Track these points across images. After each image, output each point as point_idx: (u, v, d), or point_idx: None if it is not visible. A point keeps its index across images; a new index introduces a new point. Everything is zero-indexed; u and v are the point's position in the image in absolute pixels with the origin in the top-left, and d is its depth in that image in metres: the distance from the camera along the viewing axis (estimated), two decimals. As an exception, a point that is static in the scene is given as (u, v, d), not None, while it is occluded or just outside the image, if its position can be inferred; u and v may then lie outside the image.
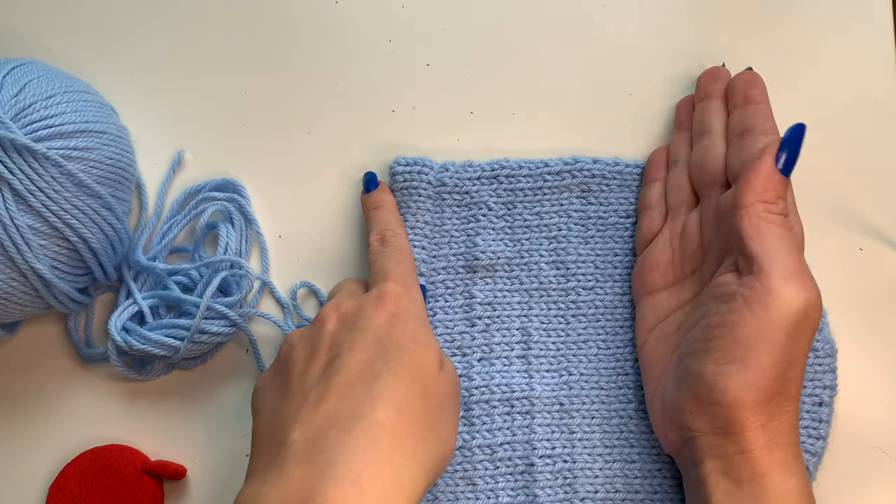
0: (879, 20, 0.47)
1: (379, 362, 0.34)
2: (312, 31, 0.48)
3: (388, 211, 0.43)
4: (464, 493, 0.41)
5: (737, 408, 0.35)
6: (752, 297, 0.35)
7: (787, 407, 0.36)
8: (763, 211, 0.36)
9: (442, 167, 0.44)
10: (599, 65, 0.48)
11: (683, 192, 0.43)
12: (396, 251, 0.41)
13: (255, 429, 0.36)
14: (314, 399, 0.34)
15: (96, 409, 0.44)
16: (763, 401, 0.35)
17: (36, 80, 0.40)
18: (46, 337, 0.45)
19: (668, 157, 0.45)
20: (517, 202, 0.45)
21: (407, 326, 0.36)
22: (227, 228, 0.45)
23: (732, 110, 0.42)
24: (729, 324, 0.36)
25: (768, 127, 0.40)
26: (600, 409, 0.43)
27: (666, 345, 0.41)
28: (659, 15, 0.48)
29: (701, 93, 0.45)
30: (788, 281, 0.35)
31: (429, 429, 0.34)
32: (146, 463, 0.42)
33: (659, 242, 0.43)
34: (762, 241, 0.36)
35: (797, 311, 0.35)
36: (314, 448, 0.31)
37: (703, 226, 0.41)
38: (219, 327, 0.42)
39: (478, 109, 0.47)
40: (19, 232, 0.37)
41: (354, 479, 0.30)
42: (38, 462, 0.43)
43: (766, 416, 0.35)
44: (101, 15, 0.48)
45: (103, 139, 0.41)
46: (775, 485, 0.35)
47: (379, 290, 0.38)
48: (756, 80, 0.43)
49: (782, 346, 0.35)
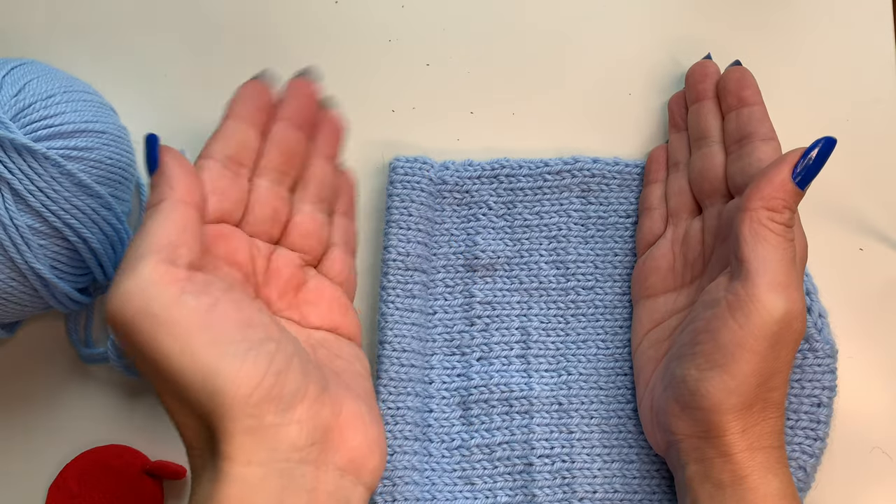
0: (879, 20, 0.47)
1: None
2: (312, 31, 0.48)
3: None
4: (462, 492, 0.41)
5: (717, 412, 0.35)
6: (736, 304, 0.35)
7: (770, 413, 0.36)
8: (765, 217, 0.36)
9: (442, 166, 0.44)
10: (599, 65, 0.48)
11: (684, 196, 0.43)
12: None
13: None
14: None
15: (96, 410, 0.44)
16: (744, 406, 0.35)
17: (36, 80, 0.40)
18: (46, 337, 0.45)
19: (667, 157, 0.45)
20: (517, 201, 0.45)
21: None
22: (227, 228, 0.45)
23: (727, 113, 0.42)
24: (712, 329, 0.36)
25: (765, 130, 0.40)
26: (599, 409, 0.43)
27: (658, 349, 0.41)
28: (659, 15, 0.48)
29: (692, 93, 0.44)
30: (773, 290, 0.35)
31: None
32: (146, 463, 0.42)
33: (661, 247, 0.43)
34: (756, 246, 0.36)
35: (778, 321, 0.34)
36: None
37: (706, 235, 0.41)
38: (218, 327, 0.42)
39: (478, 109, 0.47)
40: (19, 232, 0.37)
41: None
42: (38, 462, 0.43)
43: (748, 422, 0.35)
44: (101, 15, 0.48)
45: (103, 139, 0.41)
46: (756, 487, 0.35)
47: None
48: (746, 77, 0.42)
49: (763, 355, 0.35)
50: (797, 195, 0.36)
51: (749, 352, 0.35)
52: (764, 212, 0.36)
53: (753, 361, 0.35)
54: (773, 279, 0.35)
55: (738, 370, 0.35)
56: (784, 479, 0.35)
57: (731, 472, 0.35)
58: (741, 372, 0.35)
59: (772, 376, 0.35)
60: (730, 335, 0.35)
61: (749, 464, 0.35)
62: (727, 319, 0.35)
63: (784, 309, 0.35)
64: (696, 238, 0.41)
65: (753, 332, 0.35)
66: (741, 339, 0.35)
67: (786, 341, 0.35)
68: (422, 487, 0.41)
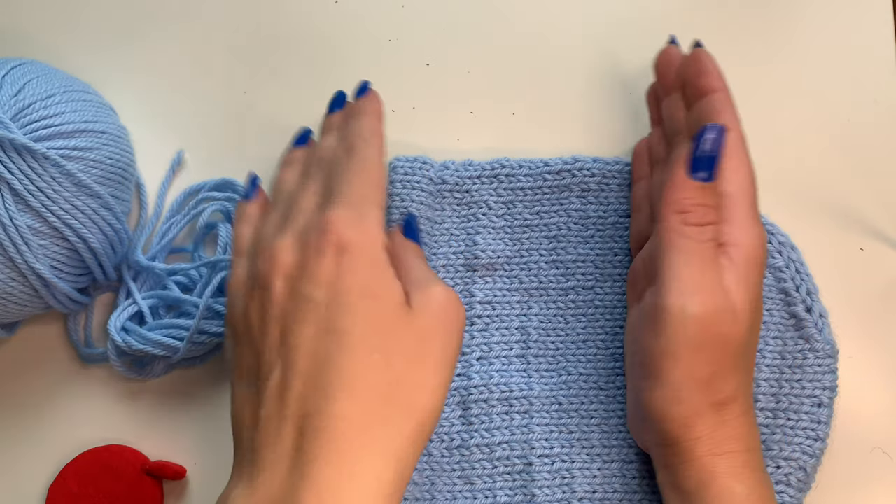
0: (879, 20, 0.47)
1: (328, 337, 0.31)
2: (312, 30, 0.48)
3: (367, 116, 0.38)
4: (461, 492, 0.41)
5: (665, 421, 0.35)
6: (651, 314, 0.35)
7: (728, 416, 0.35)
8: (677, 222, 0.35)
9: (442, 165, 0.44)
10: (599, 65, 0.48)
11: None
12: (359, 163, 0.35)
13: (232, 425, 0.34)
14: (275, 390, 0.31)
15: (96, 410, 0.44)
16: (692, 413, 0.35)
17: (36, 79, 0.40)
18: (46, 337, 0.45)
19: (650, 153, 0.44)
20: (517, 201, 0.45)
21: (357, 276, 0.32)
22: (227, 228, 0.45)
23: (689, 105, 0.40)
24: (640, 340, 0.36)
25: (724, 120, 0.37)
26: (599, 408, 0.43)
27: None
28: (659, 15, 0.48)
29: (660, 86, 0.43)
30: (681, 297, 0.34)
31: (393, 404, 0.31)
32: (146, 463, 0.42)
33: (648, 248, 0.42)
34: (667, 255, 0.35)
35: (693, 326, 0.34)
36: (278, 452, 0.30)
37: None
38: (218, 328, 0.42)
39: (478, 109, 0.47)
40: (19, 232, 0.37)
41: (317, 490, 0.29)
42: (38, 462, 0.43)
43: (702, 428, 0.35)
44: (101, 15, 0.48)
45: (103, 139, 0.41)
46: (719, 494, 0.34)
47: (321, 222, 0.33)
48: (702, 63, 0.39)
49: (687, 361, 0.34)
50: (705, 189, 0.36)
51: (671, 359, 0.34)
52: (675, 217, 0.35)
53: (680, 368, 0.34)
54: (682, 286, 0.34)
55: (668, 379, 0.35)
56: (750, 483, 0.35)
57: (694, 480, 0.35)
58: (672, 380, 0.34)
59: (712, 380, 0.35)
60: (652, 345, 0.35)
61: (711, 470, 0.35)
62: (647, 330, 0.35)
63: (695, 313, 0.34)
64: None
65: (671, 340, 0.34)
66: (662, 348, 0.34)
67: (711, 343, 0.34)
68: (421, 487, 0.41)
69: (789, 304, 0.42)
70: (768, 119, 0.46)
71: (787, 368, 0.42)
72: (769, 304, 0.43)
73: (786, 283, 0.43)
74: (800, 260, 0.43)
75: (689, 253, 0.35)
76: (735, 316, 0.35)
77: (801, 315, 0.42)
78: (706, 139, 0.36)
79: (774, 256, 0.43)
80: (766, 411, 0.41)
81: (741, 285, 0.35)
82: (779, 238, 0.43)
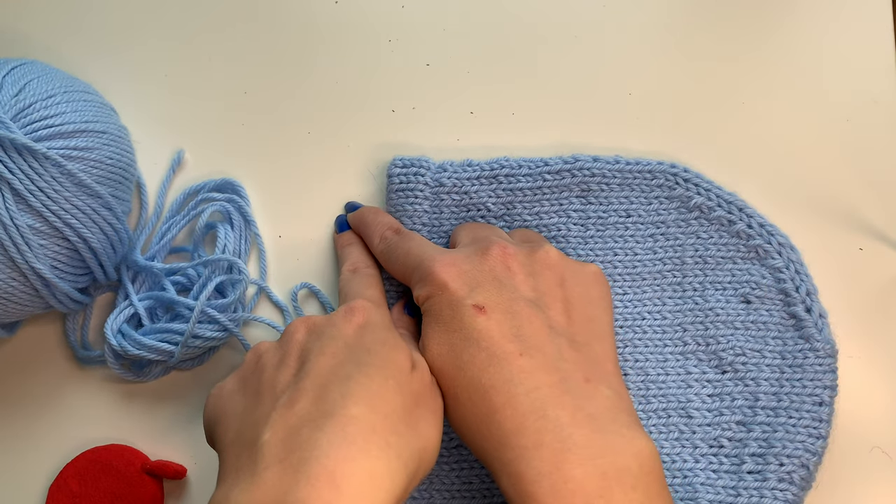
0: (879, 20, 0.47)
1: (349, 364, 0.34)
2: (312, 31, 0.48)
3: (360, 248, 0.44)
4: (459, 491, 0.41)
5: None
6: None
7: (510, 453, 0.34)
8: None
9: (440, 167, 0.44)
10: (599, 65, 0.48)
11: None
12: (368, 278, 0.42)
13: (221, 434, 0.35)
14: (285, 402, 0.33)
15: (96, 409, 0.44)
16: (479, 451, 0.35)
17: (36, 80, 0.40)
18: (46, 337, 0.45)
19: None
20: (516, 202, 0.44)
21: (376, 335, 0.36)
22: (226, 229, 0.45)
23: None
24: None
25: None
26: (599, 408, 0.43)
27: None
28: (659, 14, 0.48)
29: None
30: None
31: (405, 423, 0.33)
32: (146, 463, 0.42)
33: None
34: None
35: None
36: (286, 448, 0.31)
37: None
38: (212, 332, 0.42)
39: (478, 109, 0.47)
40: (19, 232, 0.37)
41: (329, 476, 0.29)
42: (38, 462, 0.43)
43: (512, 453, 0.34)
44: (101, 15, 0.48)
45: (103, 139, 0.41)
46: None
47: (348, 305, 0.37)
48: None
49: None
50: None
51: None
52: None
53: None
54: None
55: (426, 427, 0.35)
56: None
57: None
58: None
59: (464, 425, 0.35)
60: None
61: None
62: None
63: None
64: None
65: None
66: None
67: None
68: (420, 487, 0.41)
69: (789, 305, 0.42)
70: (768, 119, 0.46)
71: (787, 368, 0.42)
72: (769, 304, 0.43)
73: (785, 284, 0.43)
74: (799, 260, 0.43)
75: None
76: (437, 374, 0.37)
77: (800, 315, 0.42)
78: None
79: (774, 257, 0.43)
80: (767, 410, 0.41)
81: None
82: (778, 238, 0.43)
